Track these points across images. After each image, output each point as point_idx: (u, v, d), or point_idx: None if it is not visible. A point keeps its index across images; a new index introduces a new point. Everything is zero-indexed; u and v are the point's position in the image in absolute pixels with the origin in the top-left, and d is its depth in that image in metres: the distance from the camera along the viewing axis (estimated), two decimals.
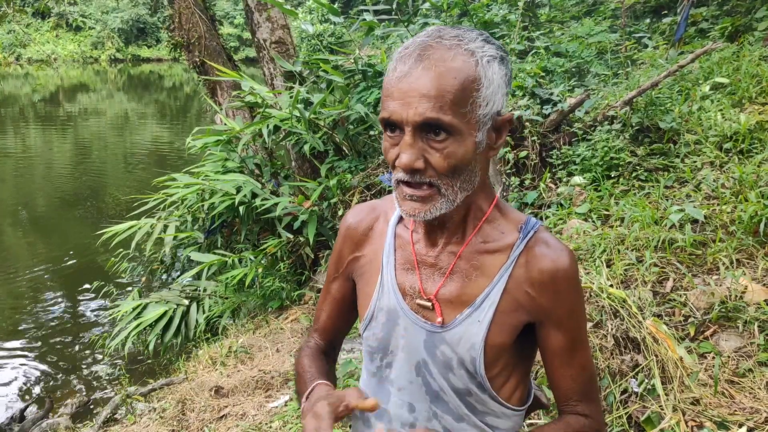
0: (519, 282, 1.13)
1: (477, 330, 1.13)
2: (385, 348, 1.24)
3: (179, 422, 3.67)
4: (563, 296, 1.14)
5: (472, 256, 1.16)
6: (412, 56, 1.01)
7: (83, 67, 40.50)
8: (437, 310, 1.17)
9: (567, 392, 1.21)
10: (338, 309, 1.38)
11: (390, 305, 1.21)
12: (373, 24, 6.12)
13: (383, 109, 1.05)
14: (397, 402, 1.24)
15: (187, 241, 5.89)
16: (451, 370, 1.16)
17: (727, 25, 7.55)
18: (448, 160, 1.02)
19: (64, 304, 6.94)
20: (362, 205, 1.35)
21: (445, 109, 0.98)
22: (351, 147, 5.80)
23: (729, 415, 2.44)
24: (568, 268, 1.13)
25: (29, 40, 39.53)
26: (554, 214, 4.17)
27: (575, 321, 1.18)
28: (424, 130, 1.01)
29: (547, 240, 1.16)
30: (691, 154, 4.32)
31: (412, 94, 0.99)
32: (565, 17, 10.62)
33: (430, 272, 1.19)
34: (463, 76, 1.00)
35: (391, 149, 1.06)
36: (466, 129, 1.02)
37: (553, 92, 5.03)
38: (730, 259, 3.15)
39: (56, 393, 5.11)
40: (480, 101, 1.02)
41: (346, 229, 1.33)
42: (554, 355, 1.19)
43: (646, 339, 2.72)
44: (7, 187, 12.18)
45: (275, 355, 4.36)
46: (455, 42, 1.02)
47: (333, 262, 1.37)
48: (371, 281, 1.26)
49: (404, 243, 1.23)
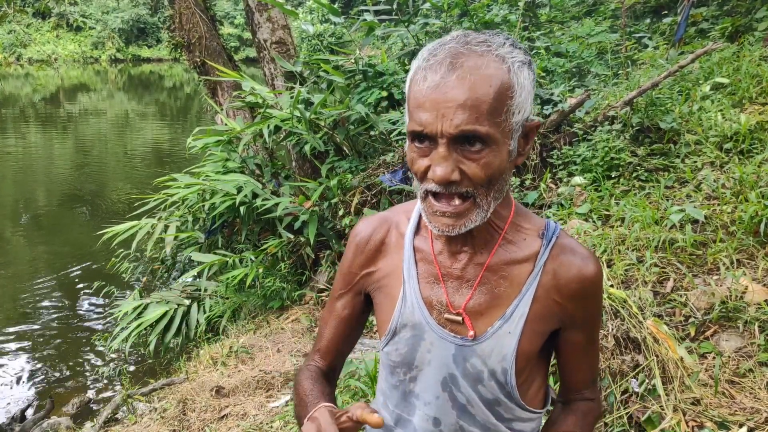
0: (547, 290, 1.13)
1: (509, 342, 1.12)
2: (409, 363, 1.21)
3: (180, 422, 3.68)
4: (590, 302, 1.16)
5: (499, 267, 1.14)
6: (444, 64, 0.96)
7: (84, 67, 40.51)
8: (468, 324, 1.14)
9: (578, 383, 1.27)
10: (343, 328, 1.33)
11: (415, 320, 1.18)
12: (373, 24, 6.13)
13: (412, 120, 0.99)
14: (422, 416, 1.23)
15: (188, 241, 5.89)
16: (481, 382, 1.16)
17: (728, 25, 7.56)
18: (485, 171, 0.98)
19: (65, 304, 6.93)
20: (372, 218, 1.30)
21: (481, 120, 0.95)
22: (351, 147, 5.80)
23: (729, 415, 2.44)
24: (595, 275, 1.14)
25: (30, 40, 39.54)
26: (555, 214, 4.17)
27: (596, 321, 1.22)
28: (458, 142, 0.97)
29: (572, 247, 1.15)
30: (692, 155, 4.32)
31: (447, 105, 0.94)
32: (565, 17, 10.62)
33: (456, 285, 1.16)
34: (497, 84, 0.96)
35: (420, 160, 1.01)
36: (501, 138, 0.98)
37: (554, 92, 5.04)
38: (731, 260, 3.16)
39: (57, 393, 5.11)
40: (513, 109, 0.98)
41: (357, 243, 1.27)
42: (573, 352, 1.21)
43: (646, 339, 2.72)
44: (7, 187, 12.18)
45: (276, 355, 4.37)
46: (485, 48, 0.98)
47: (341, 278, 1.31)
48: (391, 296, 1.22)
49: (425, 255, 1.19)
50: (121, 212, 9.64)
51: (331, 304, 1.34)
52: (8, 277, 7.68)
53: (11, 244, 9.12)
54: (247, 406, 3.72)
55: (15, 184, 12.33)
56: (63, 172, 13.52)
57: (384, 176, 5.02)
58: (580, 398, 1.27)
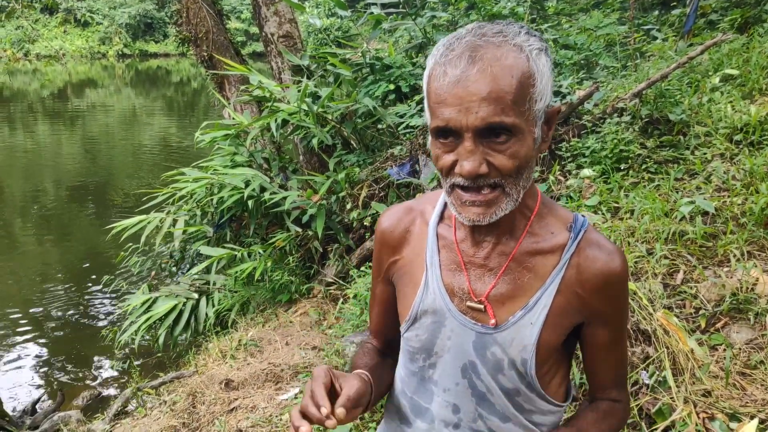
0: (571, 284, 1.12)
1: (530, 332, 1.12)
2: (428, 349, 1.22)
3: (190, 415, 3.69)
4: (615, 298, 1.15)
5: (524, 257, 1.14)
6: (463, 58, 0.95)
7: (91, 63, 40.68)
8: (489, 312, 1.14)
9: (604, 382, 1.25)
10: (386, 310, 1.36)
11: (436, 306, 1.19)
12: (380, 17, 6.11)
13: (435, 116, 0.99)
14: (441, 402, 1.23)
15: (197, 235, 5.91)
16: (501, 371, 1.15)
17: (737, 16, 7.49)
18: (513, 160, 0.98)
19: (74, 298, 6.97)
20: (397, 207, 1.31)
21: (507, 111, 0.94)
22: (359, 140, 5.80)
23: (740, 407, 2.43)
24: (620, 271, 1.13)
25: (37, 35, 39.62)
26: (563, 206, 4.15)
27: (622, 318, 1.20)
28: (484, 134, 0.97)
29: (599, 242, 1.14)
30: (701, 146, 4.29)
31: (470, 99, 0.94)
32: (573, 10, 10.55)
33: (479, 273, 1.16)
34: (519, 74, 0.95)
35: (445, 156, 1.01)
36: (526, 127, 0.98)
37: (562, 85, 5.01)
38: (741, 251, 3.14)
39: (68, 386, 5.15)
40: (536, 96, 0.98)
41: (382, 233, 1.29)
42: (599, 349, 1.20)
43: (656, 331, 2.71)
44: (17, 182, 12.25)
45: (285, 348, 4.38)
46: (501, 38, 0.97)
47: (374, 266, 1.35)
48: (413, 282, 1.23)
49: (448, 243, 1.20)
50: (129, 206, 9.68)
51: (373, 289, 1.38)
52: (18, 271, 7.73)
53: (21, 238, 9.18)
54: (256, 398, 3.73)
55: (24, 179, 12.39)
56: (71, 166, 13.59)
57: (391, 169, 5.02)
58: (605, 397, 1.26)
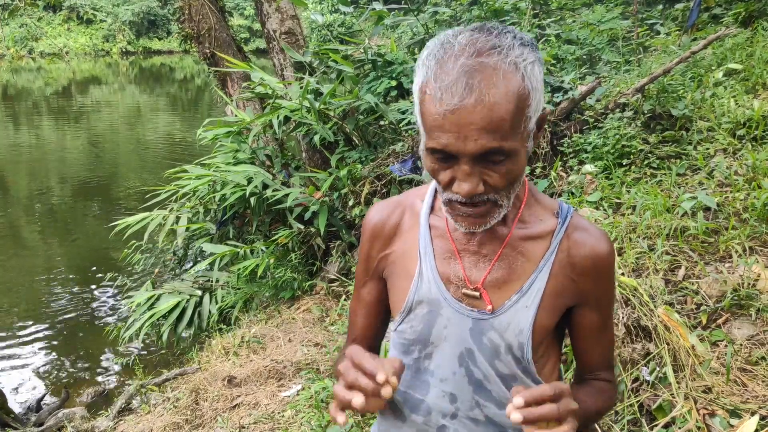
0: (562, 267, 1.17)
1: (525, 315, 1.15)
2: (424, 340, 1.23)
3: (193, 411, 3.71)
4: (602, 280, 1.19)
5: (517, 243, 1.17)
6: (459, 84, 0.93)
7: (95, 60, 40.73)
8: (486, 298, 1.17)
9: (595, 363, 1.28)
10: (374, 312, 1.36)
11: (431, 296, 1.20)
12: (382, 13, 6.11)
13: (431, 138, 0.99)
14: (437, 393, 1.23)
15: (200, 232, 5.92)
16: (498, 356, 1.18)
17: (741, 10, 7.45)
18: (507, 177, 1.01)
19: (78, 295, 7.00)
20: (385, 202, 1.32)
21: (505, 137, 0.95)
22: (361, 137, 5.80)
23: (741, 403, 2.43)
24: (607, 253, 1.17)
25: (41, 33, 39.77)
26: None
27: (609, 301, 1.24)
28: (480, 158, 0.98)
29: (585, 226, 1.19)
30: (704, 141, 4.28)
31: (469, 128, 0.94)
32: (576, 4, 10.51)
33: (474, 260, 1.19)
34: (515, 98, 0.95)
35: (442, 172, 1.03)
36: (521, 145, 1.00)
37: (564, 80, 4.99)
38: (743, 247, 3.13)
39: (72, 383, 5.17)
40: (530, 114, 0.99)
41: (373, 227, 1.29)
42: (588, 333, 1.24)
43: (657, 327, 2.71)
44: (21, 180, 12.30)
45: (287, 345, 4.39)
46: (496, 57, 0.95)
47: (362, 266, 1.34)
48: (405, 274, 1.24)
49: (441, 233, 1.22)
50: (133, 204, 9.70)
51: (357, 293, 1.37)
52: (23, 269, 7.77)
53: (26, 235, 9.22)
54: (258, 395, 3.75)
55: (29, 177, 12.44)
56: (76, 164, 13.62)
57: (394, 166, 5.02)
58: (595, 378, 1.29)
